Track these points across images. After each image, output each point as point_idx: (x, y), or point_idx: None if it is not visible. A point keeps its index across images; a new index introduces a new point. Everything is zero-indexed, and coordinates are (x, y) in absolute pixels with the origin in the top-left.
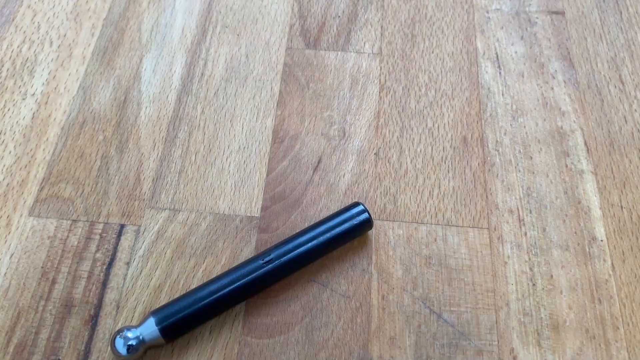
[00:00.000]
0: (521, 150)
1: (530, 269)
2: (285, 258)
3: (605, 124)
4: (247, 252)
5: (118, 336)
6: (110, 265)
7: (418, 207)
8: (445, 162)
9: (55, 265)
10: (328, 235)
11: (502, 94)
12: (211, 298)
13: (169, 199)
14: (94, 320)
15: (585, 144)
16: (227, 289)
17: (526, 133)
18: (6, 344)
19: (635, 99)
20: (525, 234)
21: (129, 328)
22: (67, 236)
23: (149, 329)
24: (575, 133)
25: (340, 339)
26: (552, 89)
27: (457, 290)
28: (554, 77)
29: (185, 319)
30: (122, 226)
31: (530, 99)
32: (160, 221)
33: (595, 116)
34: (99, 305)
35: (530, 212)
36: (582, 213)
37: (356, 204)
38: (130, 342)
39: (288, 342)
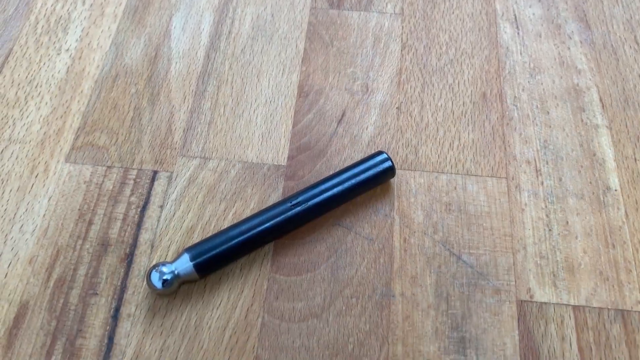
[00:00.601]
0: (538, 106)
1: (547, 216)
2: (311, 202)
3: (620, 82)
4: (275, 198)
5: (154, 270)
6: (144, 208)
7: (439, 158)
8: (465, 116)
9: (92, 208)
10: (353, 181)
11: (520, 53)
12: (242, 237)
13: (200, 148)
14: (129, 259)
15: (601, 100)
16: (257, 229)
17: (543, 90)
18: (46, 279)
19: None
20: (542, 183)
21: (164, 264)
22: (103, 181)
23: (184, 264)
24: (590, 90)
25: (364, 277)
26: (569, 48)
27: (476, 234)
28: (570, 38)
29: (217, 256)
30: (155, 172)
31: (548, 58)
32: (192, 168)
33: (611, 74)
34: (134, 245)
35: (547, 163)
36: (596, 164)
37: (380, 153)
38: (165, 277)
39: (314, 279)
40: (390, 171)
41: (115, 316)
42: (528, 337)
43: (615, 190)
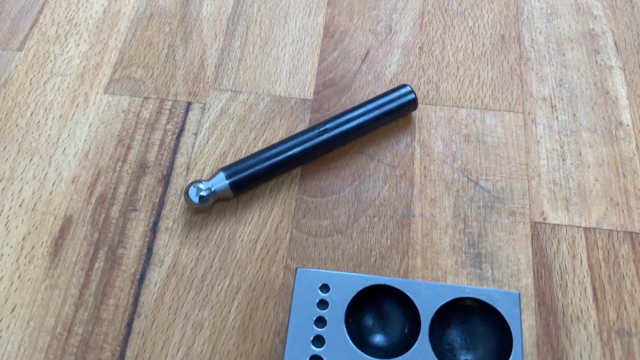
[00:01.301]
0: (555, 48)
1: (561, 147)
2: (338, 129)
3: (634, 27)
4: (302, 128)
5: (191, 186)
6: (179, 134)
7: (459, 94)
8: (484, 56)
9: (130, 134)
10: (377, 111)
11: (538, 0)
12: (273, 159)
13: (230, 82)
14: (166, 179)
15: (615, 43)
16: (288, 152)
17: (560, 33)
18: (88, 197)
19: None
20: (557, 118)
21: (200, 181)
22: (140, 110)
23: (219, 182)
24: (605, 34)
25: (386, 199)
26: None
27: (493, 163)
28: None
29: (250, 175)
30: (189, 103)
31: (564, 4)
32: (223, 100)
33: (626, 20)
34: (170, 167)
35: (562, 100)
36: (610, 102)
37: (403, 86)
38: (201, 193)
39: (339, 201)
40: (412, 103)
41: (154, 229)
42: (541, 254)
43: (627, 125)
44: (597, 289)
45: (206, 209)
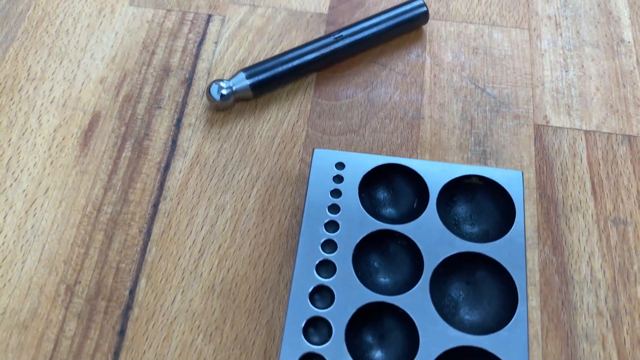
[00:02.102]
0: None
1: (564, 60)
2: (353, 37)
3: None
4: None
5: (214, 84)
6: (201, 43)
7: (467, 11)
8: None
9: (154, 41)
10: (391, 22)
11: None
12: (291, 63)
13: None
14: (188, 81)
15: None
16: (305, 57)
17: None
18: (115, 95)
19: None
20: (561, 34)
21: (222, 80)
22: (163, 21)
23: (240, 81)
24: None
25: (397, 104)
26: None
27: (500, 72)
28: None
29: (269, 77)
30: (210, 15)
31: None
32: (242, 13)
33: None
34: (192, 72)
35: (566, 18)
36: (612, 21)
37: (413, 1)
38: (222, 91)
39: (352, 104)
40: (424, 16)
41: (178, 125)
42: (543, 153)
43: (629, 42)
44: (596, 183)
45: (227, 107)
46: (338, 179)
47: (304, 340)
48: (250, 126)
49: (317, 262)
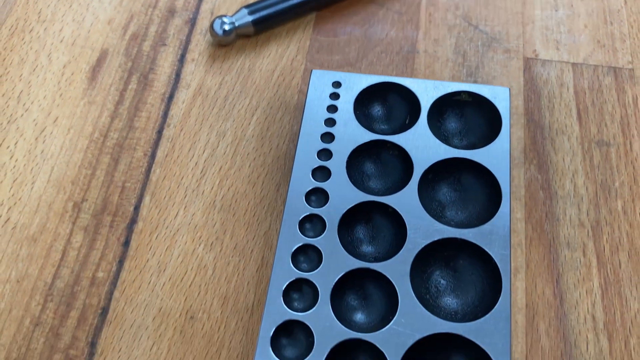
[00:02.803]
0: None
1: (554, 0)
2: None
3: None
4: None
5: (217, 19)
6: None
7: None
8: None
9: None
10: None
11: None
12: (291, 1)
13: None
14: (192, 21)
15: None
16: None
17: None
18: (122, 34)
19: None
20: None
21: (225, 15)
22: None
23: (242, 17)
24: None
25: (393, 39)
26: None
27: (492, 11)
28: None
29: (271, 13)
30: None
31: None
32: None
33: None
34: (196, 12)
35: None
36: None
37: None
38: (225, 26)
39: (350, 40)
40: None
41: (182, 60)
42: (531, 83)
43: None
44: (581, 110)
45: (228, 42)
46: (334, 96)
47: (300, 234)
48: (251, 61)
49: (313, 167)
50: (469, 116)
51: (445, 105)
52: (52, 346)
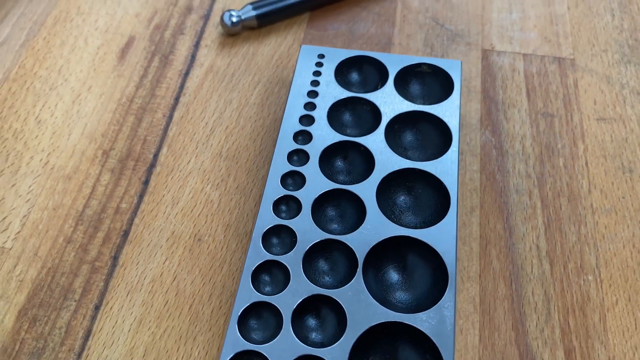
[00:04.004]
0: None
1: (509, 6)
2: None
3: None
4: None
5: (226, 12)
6: None
7: None
8: None
9: None
10: None
11: None
12: (288, 1)
13: None
14: (206, 16)
15: None
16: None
17: None
18: (148, 25)
19: None
20: None
21: (233, 10)
22: None
23: (247, 12)
24: None
25: (373, 34)
26: None
27: (457, 14)
28: None
29: (272, 10)
30: None
31: None
32: None
33: None
34: (210, 9)
35: None
36: None
37: None
38: (233, 18)
39: (337, 34)
40: None
41: (197, 46)
42: (488, 68)
43: None
44: (530, 89)
45: (235, 32)
46: (319, 64)
47: (288, 164)
48: (254, 47)
49: (300, 115)
50: (428, 84)
51: (409, 75)
52: (80, 259)
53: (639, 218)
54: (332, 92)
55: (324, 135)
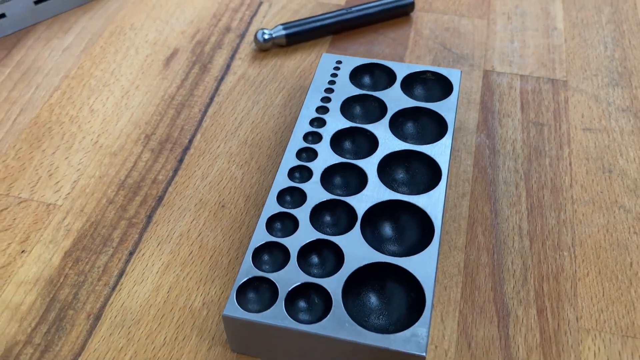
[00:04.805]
0: None
1: (511, 36)
2: (358, 13)
3: None
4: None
5: (259, 31)
6: (253, 16)
7: (444, 6)
8: None
9: (222, 13)
10: (386, 6)
11: None
12: (315, 24)
13: None
14: (242, 36)
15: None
16: (324, 21)
17: None
18: (191, 40)
19: None
20: (511, 23)
21: (266, 29)
22: (229, 2)
23: (278, 31)
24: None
25: (387, 54)
26: None
27: (463, 41)
28: None
29: (299, 30)
30: (261, 2)
31: None
32: (284, 1)
33: None
34: (245, 30)
35: (516, 14)
36: (550, 18)
37: None
38: (265, 35)
39: (356, 54)
40: (411, 5)
41: (232, 57)
42: (488, 85)
43: (560, 29)
44: (524, 103)
45: (266, 48)
46: (336, 69)
47: (303, 141)
48: (282, 61)
49: (316, 106)
50: (431, 88)
51: (414, 80)
52: (120, 216)
53: (614, 209)
54: (345, 90)
55: (336, 122)
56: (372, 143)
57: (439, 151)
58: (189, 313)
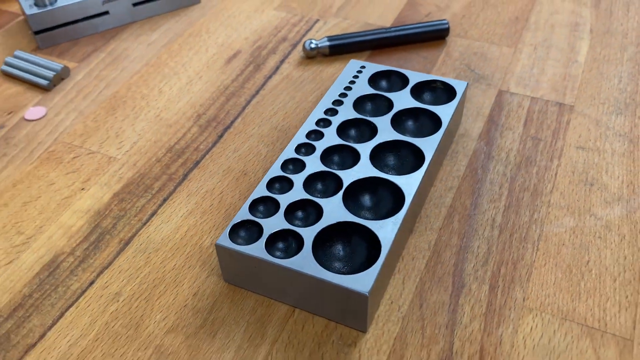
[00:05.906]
0: (547, 21)
1: (532, 64)
2: (396, 33)
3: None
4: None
5: (307, 41)
6: (308, 30)
7: (478, 34)
8: (499, 17)
9: (282, 26)
10: (423, 29)
11: None
12: (357, 38)
13: (341, 12)
14: (294, 45)
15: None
16: (364, 37)
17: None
18: (252, 45)
19: None
20: (536, 53)
21: (313, 39)
22: (290, 18)
23: (323, 42)
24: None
25: (414, 69)
26: None
27: (487, 64)
28: None
29: (342, 43)
30: (317, 20)
31: None
32: (337, 20)
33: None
34: (298, 41)
35: (543, 46)
36: (574, 51)
37: (443, 20)
38: (311, 44)
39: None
40: (446, 30)
41: (282, 61)
42: (499, 102)
43: (581, 62)
44: (528, 120)
45: (312, 55)
46: (359, 72)
47: (314, 125)
48: (322, 67)
49: (334, 99)
50: (438, 96)
51: (425, 87)
52: (163, 172)
53: (585, 216)
54: (362, 89)
55: (346, 113)
56: (373, 133)
57: (428, 145)
58: (198, 249)
